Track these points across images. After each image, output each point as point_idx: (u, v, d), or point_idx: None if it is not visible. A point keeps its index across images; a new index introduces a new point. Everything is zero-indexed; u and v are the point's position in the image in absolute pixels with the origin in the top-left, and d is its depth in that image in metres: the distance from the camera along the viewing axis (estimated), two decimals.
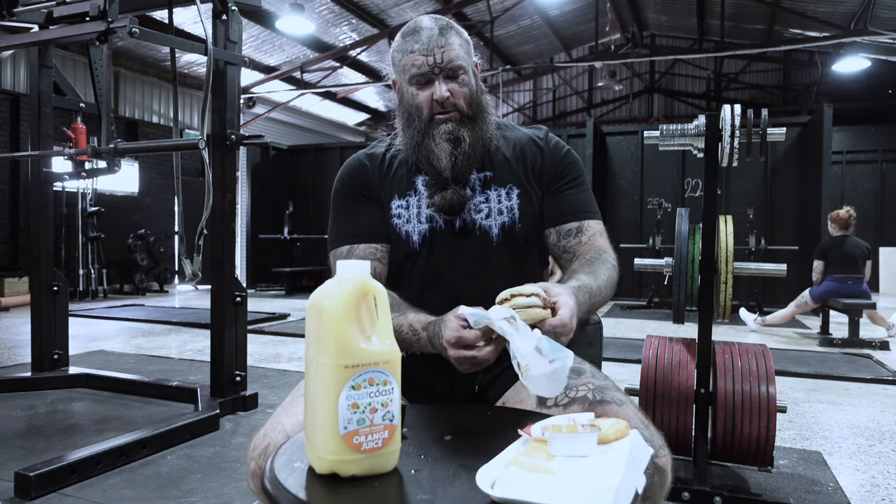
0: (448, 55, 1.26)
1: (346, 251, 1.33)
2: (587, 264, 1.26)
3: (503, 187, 1.32)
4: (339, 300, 0.80)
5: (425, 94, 1.28)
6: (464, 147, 1.28)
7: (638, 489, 0.74)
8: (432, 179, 1.32)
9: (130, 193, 10.16)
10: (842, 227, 5.66)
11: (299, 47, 11.46)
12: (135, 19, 2.58)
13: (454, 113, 1.29)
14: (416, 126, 1.31)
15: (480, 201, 1.31)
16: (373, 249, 1.33)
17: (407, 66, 1.28)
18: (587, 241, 1.32)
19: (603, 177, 9.10)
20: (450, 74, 1.27)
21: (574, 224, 1.33)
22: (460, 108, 1.29)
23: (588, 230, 1.32)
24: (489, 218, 1.31)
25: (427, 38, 1.26)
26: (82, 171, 3.64)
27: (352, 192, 1.38)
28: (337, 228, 1.37)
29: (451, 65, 1.26)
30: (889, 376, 4.07)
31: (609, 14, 12.88)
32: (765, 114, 2.10)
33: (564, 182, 1.35)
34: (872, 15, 8.71)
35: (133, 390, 3.39)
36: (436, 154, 1.28)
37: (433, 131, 1.28)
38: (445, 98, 1.27)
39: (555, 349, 0.90)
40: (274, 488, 0.79)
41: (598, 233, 1.33)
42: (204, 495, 2.12)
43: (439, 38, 1.26)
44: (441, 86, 1.26)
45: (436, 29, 1.27)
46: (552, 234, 1.34)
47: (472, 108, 1.30)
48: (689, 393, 2.06)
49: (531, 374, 0.89)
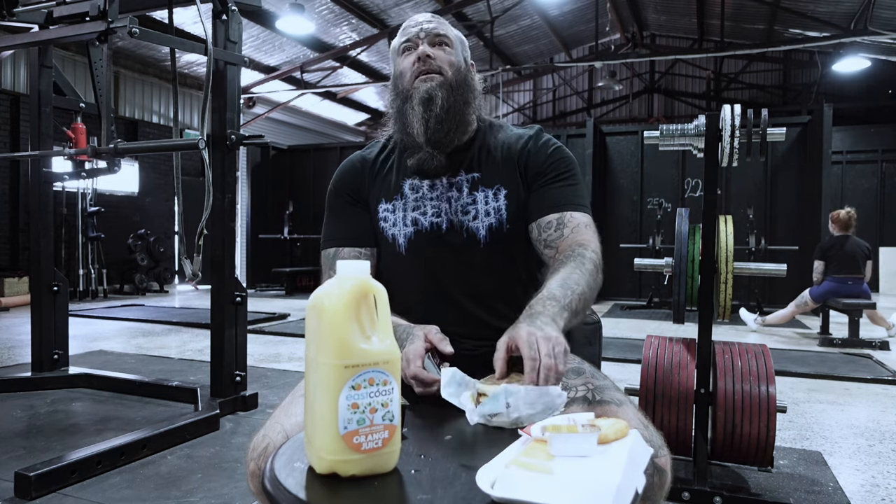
0: (435, 27, 1.33)
1: (333, 254, 1.35)
2: (561, 266, 1.18)
3: (491, 188, 1.31)
4: (339, 300, 0.79)
5: (410, 58, 1.32)
6: (436, 109, 1.27)
7: (638, 489, 0.74)
8: (410, 149, 1.33)
9: (130, 193, 10.16)
10: (842, 227, 5.66)
11: (299, 47, 11.46)
12: (135, 19, 2.58)
13: (436, 75, 1.30)
14: (400, 93, 1.33)
15: (468, 202, 1.30)
16: (356, 253, 1.34)
17: (400, 42, 1.34)
18: (569, 235, 1.25)
19: (603, 177, 9.11)
20: (434, 41, 1.32)
21: (554, 216, 1.27)
22: (443, 72, 1.30)
23: (570, 222, 1.25)
24: (476, 220, 1.29)
25: (420, 18, 1.36)
26: (82, 171, 3.64)
27: (342, 195, 1.39)
28: (326, 230, 1.40)
29: (435, 31, 1.32)
30: (889, 376, 4.07)
31: (609, 14, 12.89)
32: (765, 114, 2.10)
33: (549, 177, 1.31)
34: (872, 15, 8.71)
35: (133, 390, 3.39)
36: (409, 121, 1.29)
37: (412, 93, 1.30)
38: (426, 54, 1.29)
39: (495, 401, 0.94)
40: (274, 488, 0.79)
41: (582, 224, 1.26)
42: (204, 495, 2.12)
43: (431, 18, 1.35)
44: (424, 45, 1.31)
45: (428, 16, 1.36)
46: (533, 228, 1.30)
47: (455, 77, 1.31)
48: (689, 393, 2.06)
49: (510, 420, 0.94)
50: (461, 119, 1.31)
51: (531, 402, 0.93)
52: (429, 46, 1.31)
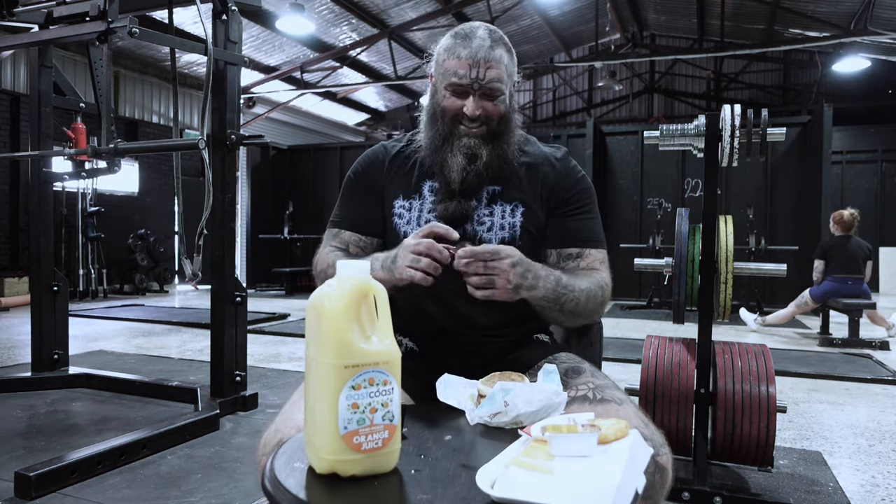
0: (491, 74, 1.24)
1: (335, 233, 1.40)
2: (571, 272, 1.30)
3: (509, 203, 1.33)
4: (339, 300, 0.80)
5: (456, 104, 1.27)
6: (478, 165, 1.28)
7: (638, 489, 0.74)
8: (441, 186, 1.32)
9: (130, 193, 10.16)
10: (845, 228, 5.66)
11: (299, 47, 11.45)
12: (135, 19, 2.58)
13: (481, 128, 1.28)
14: (438, 129, 1.31)
15: (485, 214, 1.32)
16: (356, 238, 1.38)
17: (448, 70, 1.26)
18: (584, 266, 1.33)
19: (603, 177, 9.10)
20: (487, 94, 1.26)
21: (575, 250, 1.33)
22: (489, 125, 1.29)
23: (587, 257, 1.33)
24: (490, 231, 1.31)
25: (477, 48, 1.24)
26: (82, 171, 3.64)
27: (358, 181, 1.42)
28: (337, 210, 1.43)
29: (490, 85, 1.25)
30: (889, 376, 4.07)
31: (609, 14, 12.87)
32: (765, 114, 2.10)
33: (573, 208, 1.35)
34: (872, 15, 8.71)
35: (133, 390, 3.38)
36: (449, 165, 1.29)
37: (454, 141, 1.29)
38: (475, 115, 1.26)
39: (493, 400, 0.96)
40: (274, 488, 0.79)
41: (597, 260, 1.34)
42: (204, 495, 2.12)
43: (489, 52, 1.24)
44: (475, 103, 1.25)
45: (488, 41, 1.25)
46: (553, 254, 1.34)
47: (500, 126, 1.30)
48: (689, 393, 2.06)
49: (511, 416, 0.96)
50: (500, 163, 1.31)
51: (528, 400, 0.94)
52: (480, 99, 1.26)
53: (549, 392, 0.96)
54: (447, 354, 1.31)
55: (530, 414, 0.94)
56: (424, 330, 1.35)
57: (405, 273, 1.13)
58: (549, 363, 1.21)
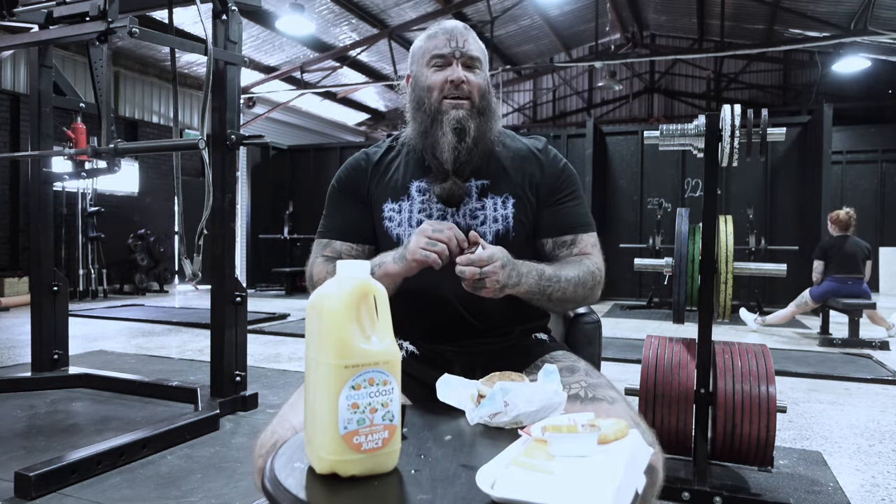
0: (469, 45, 1.32)
1: (325, 244, 1.40)
2: (561, 260, 1.34)
3: (500, 196, 1.34)
4: (339, 300, 0.80)
5: (440, 76, 1.31)
6: (468, 141, 1.30)
7: (638, 489, 0.74)
8: (434, 171, 1.34)
9: (130, 193, 10.16)
10: (842, 228, 5.66)
11: (299, 47, 11.46)
12: (135, 19, 2.58)
13: (466, 101, 1.31)
14: (425, 109, 1.33)
15: (477, 208, 1.33)
16: (348, 247, 1.39)
17: (428, 49, 1.33)
18: (577, 252, 1.37)
19: (603, 177, 9.10)
20: (468, 63, 1.32)
21: (570, 237, 1.37)
22: (472, 98, 1.31)
23: (580, 242, 1.37)
24: (484, 225, 1.32)
25: (451, 28, 1.34)
26: (82, 171, 3.64)
27: (343, 190, 1.42)
28: (323, 221, 1.44)
29: (470, 53, 1.32)
30: (889, 376, 4.06)
31: (609, 14, 12.87)
32: (765, 114, 2.10)
33: (562, 196, 1.38)
34: (872, 15, 8.71)
35: (133, 390, 3.38)
36: (440, 145, 1.30)
37: (442, 117, 1.30)
38: (461, 80, 1.30)
39: (493, 400, 0.97)
40: (274, 488, 0.79)
41: (589, 244, 1.37)
42: (204, 495, 2.12)
43: (463, 31, 1.34)
44: (458, 68, 1.30)
45: (461, 25, 1.35)
46: (549, 242, 1.38)
47: (482, 103, 1.33)
48: (689, 393, 2.06)
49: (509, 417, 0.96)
50: (486, 145, 1.34)
51: (528, 399, 0.94)
52: (463, 69, 1.31)
53: (549, 392, 0.97)
54: (446, 355, 1.32)
55: (530, 414, 0.94)
56: (423, 332, 1.35)
57: (419, 254, 1.15)
58: (547, 362, 1.22)
